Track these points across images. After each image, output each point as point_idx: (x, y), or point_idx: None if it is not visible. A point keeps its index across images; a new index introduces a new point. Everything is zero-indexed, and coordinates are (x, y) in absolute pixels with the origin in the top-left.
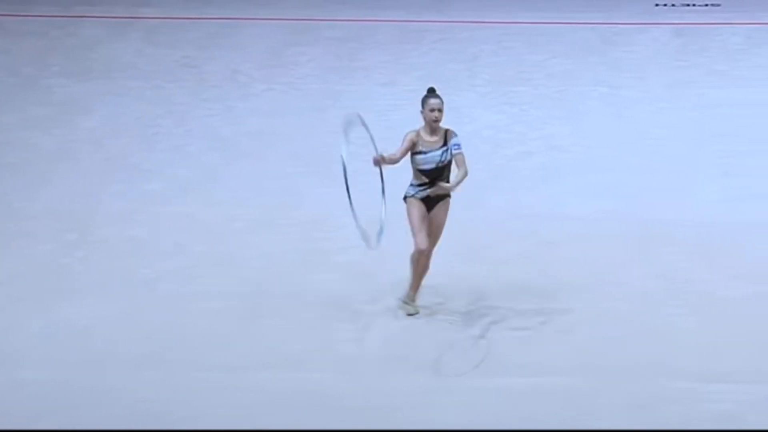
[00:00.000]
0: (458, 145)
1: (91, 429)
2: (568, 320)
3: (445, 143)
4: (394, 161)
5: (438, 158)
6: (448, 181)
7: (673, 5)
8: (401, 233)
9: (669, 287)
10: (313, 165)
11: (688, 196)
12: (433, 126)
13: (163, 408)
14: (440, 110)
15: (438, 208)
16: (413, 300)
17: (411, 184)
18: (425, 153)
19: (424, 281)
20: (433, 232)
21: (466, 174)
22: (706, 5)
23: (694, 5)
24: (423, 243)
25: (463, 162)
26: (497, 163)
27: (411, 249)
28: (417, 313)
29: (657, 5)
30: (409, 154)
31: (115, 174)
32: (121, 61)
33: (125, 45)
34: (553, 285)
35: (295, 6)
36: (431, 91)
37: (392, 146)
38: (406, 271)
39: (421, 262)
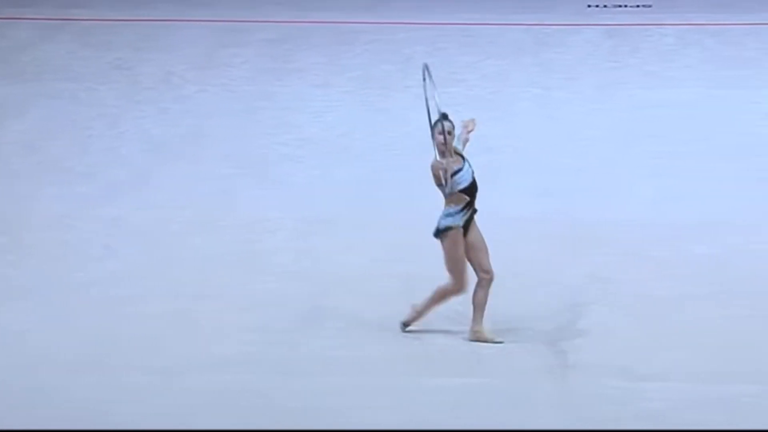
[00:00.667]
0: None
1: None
2: (502, 321)
3: (464, 158)
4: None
5: (471, 172)
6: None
7: (605, 6)
8: (329, 235)
9: (602, 287)
10: (247, 167)
11: (620, 196)
12: (442, 149)
13: (99, 410)
14: (450, 133)
15: (473, 228)
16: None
17: (449, 214)
18: (462, 170)
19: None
20: (485, 250)
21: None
22: (638, 6)
23: (625, 6)
24: (466, 286)
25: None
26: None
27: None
28: (501, 341)
29: (589, 6)
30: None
31: (48, 177)
32: (53, 63)
33: (57, 47)
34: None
35: (228, 7)
36: (444, 117)
37: (330, 147)
38: (343, 271)
39: (482, 294)
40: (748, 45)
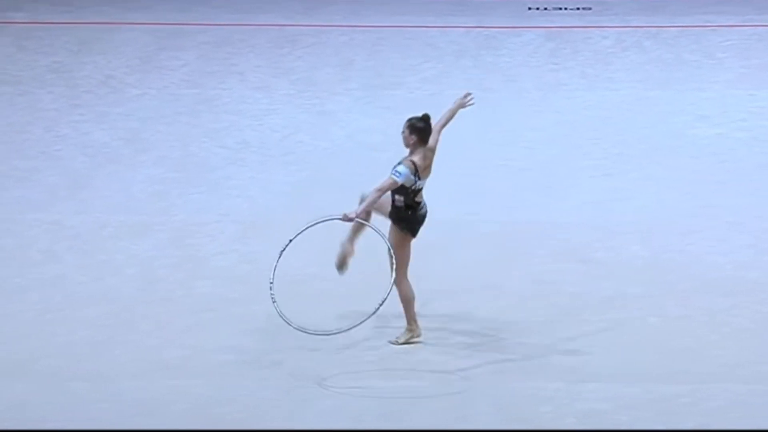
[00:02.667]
0: (394, 170)
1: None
2: (438, 323)
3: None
4: None
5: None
6: (418, 203)
7: (545, 9)
8: (268, 238)
9: (540, 288)
10: (187, 170)
11: (560, 198)
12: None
13: (31, 418)
14: (402, 132)
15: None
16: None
17: None
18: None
19: None
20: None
21: (373, 192)
22: (578, 8)
23: (565, 9)
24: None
25: (382, 184)
26: (371, 168)
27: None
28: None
29: (530, 9)
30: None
31: None
32: None
33: None
34: (426, 288)
35: (167, 10)
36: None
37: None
38: (282, 275)
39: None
40: (685, 47)
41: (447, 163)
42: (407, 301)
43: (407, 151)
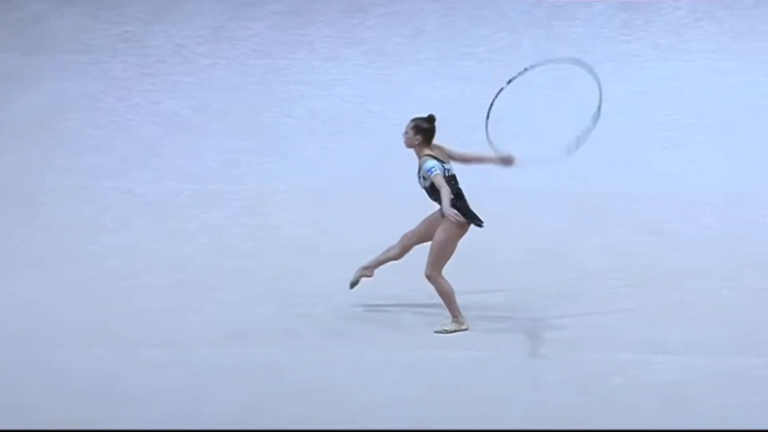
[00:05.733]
0: (430, 169)
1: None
2: (513, 294)
3: (420, 170)
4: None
5: (420, 183)
6: (460, 189)
7: None
8: (338, 208)
9: (613, 260)
10: (257, 140)
11: (632, 169)
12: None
13: (108, 382)
14: (405, 133)
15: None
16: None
17: None
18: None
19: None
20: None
21: (445, 198)
22: None
23: None
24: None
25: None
26: (443, 138)
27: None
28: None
29: None
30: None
31: (59, 150)
32: (65, 35)
33: (69, 20)
34: (499, 258)
35: None
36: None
37: (341, 121)
38: (352, 245)
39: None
40: (760, 17)
41: (521, 135)
42: (447, 295)
43: (410, 151)
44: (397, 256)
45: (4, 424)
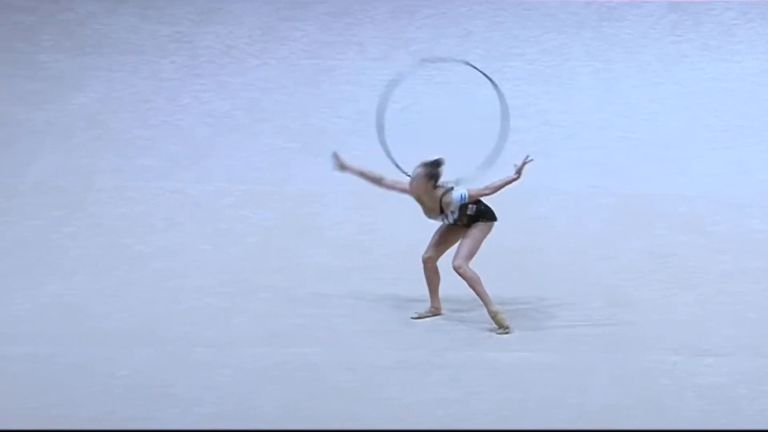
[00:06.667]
0: (460, 197)
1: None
2: (557, 294)
3: (442, 211)
4: (368, 175)
5: (445, 221)
6: (470, 218)
7: None
8: (386, 209)
9: (659, 262)
10: (304, 140)
11: (681, 170)
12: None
13: (156, 383)
14: (414, 180)
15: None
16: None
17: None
18: (433, 218)
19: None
20: (461, 245)
21: (492, 187)
22: None
23: None
24: (425, 257)
25: (480, 190)
26: (491, 139)
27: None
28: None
29: None
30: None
31: (107, 150)
32: (114, 36)
33: (118, 20)
34: (543, 259)
35: None
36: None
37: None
38: (397, 245)
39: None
40: None
41: (569, 136)
42: (478, 282)
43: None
44: (437, 275)
45: (53, 424)
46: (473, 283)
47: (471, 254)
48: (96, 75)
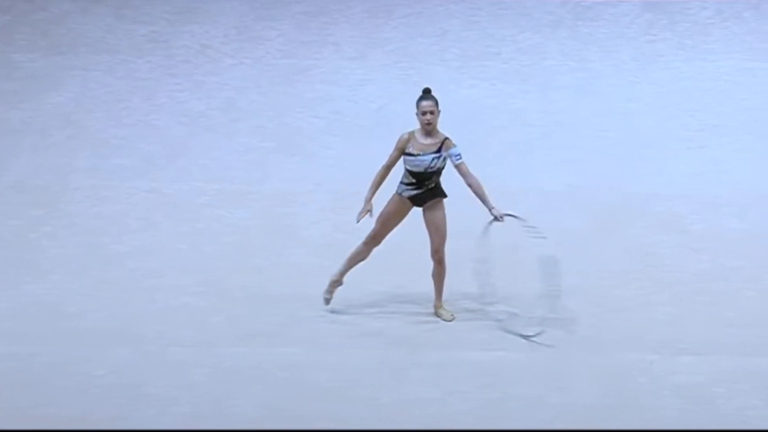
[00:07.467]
0: (459, 155)
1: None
2: (538, 294)
3: (439, 150)
4: (381, 180)
5: (427, 163)
6: (435, 186)
7: None
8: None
9: (636, 261)
10: (280, 140)
11: (657, 169)
12: (426, 129)
13: (132, 382)
14: (432, 112)
15: (431, 209)
16: (440, 306)
17: (401, 182)
18: (415, 156)
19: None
20: (435, 233)
21: (478, 182)
22: None
23: None
24: (370, 247)
25: (468, 170)
26: (468, 138)
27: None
28: (453, 318)
29: None
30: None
31: (83, 149)
32: (89, 35)
33: (93, 19)
34: (523, 258)
35: None
36: (425, 92)
37: (365, 121)
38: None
39: (436, 269)
40: None
41: (546, 135)
42: (444, 275)
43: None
44: (365, 256)
45: (29, 424)
46: (443, 275)
47: (445, 238)
48: (71, 74)
